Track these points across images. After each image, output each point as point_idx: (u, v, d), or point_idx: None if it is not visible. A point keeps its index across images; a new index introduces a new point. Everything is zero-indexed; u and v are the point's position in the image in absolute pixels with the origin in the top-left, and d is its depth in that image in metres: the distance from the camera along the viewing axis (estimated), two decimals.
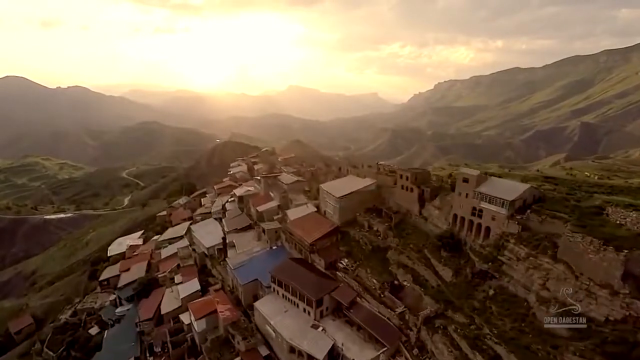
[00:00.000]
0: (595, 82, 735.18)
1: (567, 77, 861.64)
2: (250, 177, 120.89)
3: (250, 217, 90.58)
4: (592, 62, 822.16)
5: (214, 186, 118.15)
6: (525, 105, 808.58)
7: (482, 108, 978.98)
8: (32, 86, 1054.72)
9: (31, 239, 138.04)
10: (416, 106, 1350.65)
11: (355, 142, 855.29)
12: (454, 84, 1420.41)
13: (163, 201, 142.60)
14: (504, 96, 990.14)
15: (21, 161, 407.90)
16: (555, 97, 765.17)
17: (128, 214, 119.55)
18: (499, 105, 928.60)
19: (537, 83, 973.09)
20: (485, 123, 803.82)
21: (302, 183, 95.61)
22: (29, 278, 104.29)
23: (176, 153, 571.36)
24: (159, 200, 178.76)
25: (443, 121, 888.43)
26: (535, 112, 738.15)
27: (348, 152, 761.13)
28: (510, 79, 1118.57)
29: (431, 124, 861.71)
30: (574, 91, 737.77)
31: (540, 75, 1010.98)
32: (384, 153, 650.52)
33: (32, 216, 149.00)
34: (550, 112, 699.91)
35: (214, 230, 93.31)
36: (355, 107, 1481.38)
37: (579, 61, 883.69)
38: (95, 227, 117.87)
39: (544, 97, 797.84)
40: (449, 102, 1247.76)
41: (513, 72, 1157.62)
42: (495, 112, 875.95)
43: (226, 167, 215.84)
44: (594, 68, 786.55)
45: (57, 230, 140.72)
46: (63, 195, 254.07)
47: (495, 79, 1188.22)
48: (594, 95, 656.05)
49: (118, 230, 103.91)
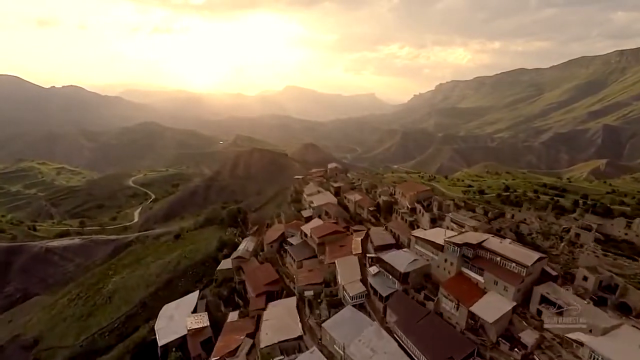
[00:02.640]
0: (608, 82, 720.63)
1: (576, 78, 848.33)
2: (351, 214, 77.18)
3: None
4: (602, 62, 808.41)
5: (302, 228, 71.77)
6: (536, 107, 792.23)
7: (489, 109, 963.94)
8: (25, 85, 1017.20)
9: (30, 274, 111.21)
10: (417, 107, 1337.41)
11: (360, 144, 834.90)
12: (456, 84, 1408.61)
13: (191, 224, 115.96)
14: (511, 97, 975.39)
15: (15, 166, 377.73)
16: (566, 99, 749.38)
17: (158, 248, 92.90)
18: (507, 107, 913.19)
19: (544, 84, 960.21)
20: (495, 125, 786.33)
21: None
22: (29, 349, 76.96)
23: (179, 156, 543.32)
24: (186, 219, 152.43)
25: (450, 122, 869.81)
26: (547, 114, 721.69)
27: (355, 154, 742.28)
28: (515, 80, 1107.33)
29: (439, 126, 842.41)
30: (586, 92, 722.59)
31: (547, 76, 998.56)
32: (394, 156, 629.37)
33: (31, 243, 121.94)
34: (563, 113, 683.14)
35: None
36: (353, 108, 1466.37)
37: (588, 62, 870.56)
38: (116, 267, 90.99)
39: (555, 99, 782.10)
40: (452, 103, 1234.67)
41: (518, 73, 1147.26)
42: (504, 114, 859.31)
43: (256, 180, 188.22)
44: (606, 69, 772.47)
45: (63, 261, 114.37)
46: (63, 207, 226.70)
47: (499, 79, 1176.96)
48: (609, 97, 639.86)
49: (152, 280, 76.80)
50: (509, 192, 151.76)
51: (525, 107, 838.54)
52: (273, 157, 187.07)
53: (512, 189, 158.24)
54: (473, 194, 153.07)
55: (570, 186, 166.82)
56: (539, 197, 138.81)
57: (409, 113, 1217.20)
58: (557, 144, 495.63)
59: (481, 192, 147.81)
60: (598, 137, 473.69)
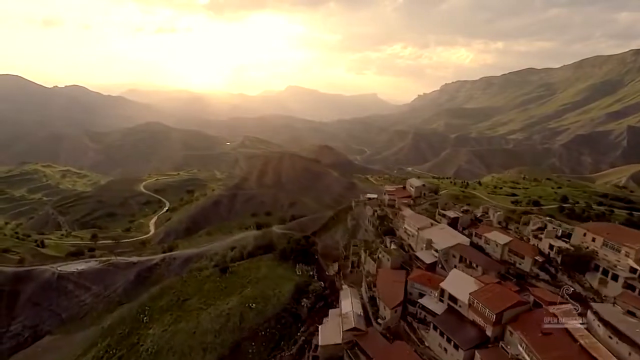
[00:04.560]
0: (625, 82, 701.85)
1: (590, 78, 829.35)
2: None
3: None
4: (617, 62, 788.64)
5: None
6: (549, 107, 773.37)
7: (499, 110, 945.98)
8: (28, 85, 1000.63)
9: (41, 307, 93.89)
10: (422, 107, 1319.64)
11: (369, 145, 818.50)
12: (462, 84, 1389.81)
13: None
14: (521, 98, 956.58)
15: (19, 169, 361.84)
16: (581, 99, 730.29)
17: (202, 285, 73.50)
18: (517, 107, 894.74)
19: (555, 84, 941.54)
20: (507, 126, 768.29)
21: None
22: None
23: (187, 158, 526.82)
24: (214, 235, 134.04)
25: (460, 123, 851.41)
26: (562, 115, 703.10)
27: (365, 156, 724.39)
28: (524, 80, 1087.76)
29: (449, 127, 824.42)
30: (601, 92, 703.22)
31: (558, 76, 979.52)
32: (407, 158, 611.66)
33: (41, 267, 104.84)
34: (579, 114, 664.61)
35: None
36: (355, 108, 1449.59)
37: (602, 61, 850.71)
38: (152, 310, 72.01)
39: (569, 99, 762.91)
40: (459, 103, 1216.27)
41: (526, 73, 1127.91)
42: (515, 115, 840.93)
43: (288, 189, 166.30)
44: (622, 68, 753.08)
45: (78, 290, 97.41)
46: (71, 215, 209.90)
47: (508, 79, 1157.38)
48: (628, 97, 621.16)
49: (210, 340, 54.26)
50: (568, 203, 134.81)
51: (537, 107, 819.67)
52: (305, 163, 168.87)
53: (570, 199, 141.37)
54: (526, 205, 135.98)
55: (633, 196, 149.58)
56: (612, 211, 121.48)
57: (415, 113, 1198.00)
58: (579, 146, 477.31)
59: (536, 204, 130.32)
60: (623, 139, 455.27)
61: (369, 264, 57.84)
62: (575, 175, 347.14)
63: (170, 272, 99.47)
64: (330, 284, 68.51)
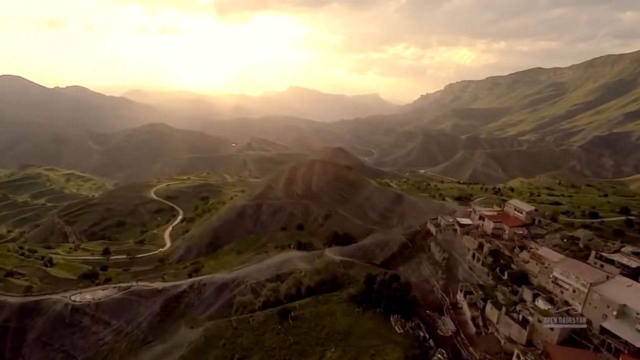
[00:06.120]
0: (639, 82, 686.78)
1: (601, 77, 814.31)
2: None
3: None
4: (630, 61, 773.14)
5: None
6: (560, 108, 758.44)
7: (507, 110, 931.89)
8: (29, 86, 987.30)
9: (52, 348, 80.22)
10: (426, 107, 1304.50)
11: (375, 146, 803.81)
12: (467, 84, 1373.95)
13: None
14: (529, 98, 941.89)
15: (22, 173, 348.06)
16: (593, 99, 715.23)
17: (258, 336, 57.25)
18: (526, 108, 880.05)
19: (565, 84, 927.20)
20: (517, 126, 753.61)
21: None
22: None
23: (193, 161, 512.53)
24: (244, 255, 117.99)
25: (468, 124, 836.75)
26: (574, 115, 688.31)
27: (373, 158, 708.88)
28: (532, 80, 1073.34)
29: (457, 127, 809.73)
30: (615, 92, 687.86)
31: (567, 76, 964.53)
32: (417, 160, 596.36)
33: (51, 297, 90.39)
34: (592, 115, 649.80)
35: None
36: (357, 108, 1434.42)
37: (613, 61, 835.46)
38: None
39: (580, 99, 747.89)
40: (464, 103, 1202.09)
41: (534, 73, 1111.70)
42: (525, 115, 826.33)
43: (320, 200, 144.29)
44: (635, 67, 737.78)
45: (95, 325, 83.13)
46: (79, 225, 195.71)
47: (515, 79, 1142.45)
48: None
49: None
50: (631, 215, 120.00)
51: (548, 108, 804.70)
52: (337, 171, 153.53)
53: (631, 210, 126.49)
54: (581, 216, 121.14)
55: None
56: None
57: (420, 114, 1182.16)
58: (598, 148, 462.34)
59: (593, 216, 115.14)
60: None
61: (507, 326, 42.49)
62: (603, 179, 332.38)
63: (201, 303, 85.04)
64: (452, 351, 47.37)
